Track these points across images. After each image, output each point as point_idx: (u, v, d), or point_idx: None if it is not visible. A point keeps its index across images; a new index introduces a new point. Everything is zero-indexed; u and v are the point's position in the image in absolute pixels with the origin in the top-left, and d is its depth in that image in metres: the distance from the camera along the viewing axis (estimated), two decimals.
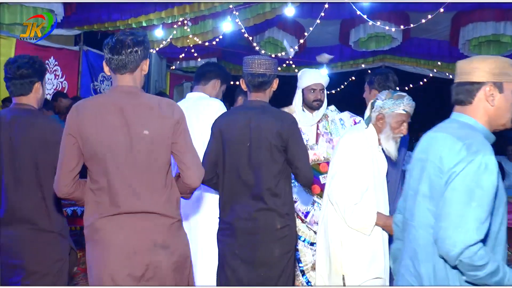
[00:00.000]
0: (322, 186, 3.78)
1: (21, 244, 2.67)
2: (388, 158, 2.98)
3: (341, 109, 4.17)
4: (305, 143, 3.63)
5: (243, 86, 2.99)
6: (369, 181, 2.82)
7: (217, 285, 2.90)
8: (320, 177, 3.89)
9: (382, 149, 2.94)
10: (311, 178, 2.91)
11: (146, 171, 2.24)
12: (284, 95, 4.46)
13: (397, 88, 3.63)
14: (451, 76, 10.06)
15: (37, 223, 2.68)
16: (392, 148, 2.89)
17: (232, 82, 3.52)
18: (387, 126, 2.87)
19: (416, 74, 10.62)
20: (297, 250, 3.59)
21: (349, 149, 2.87)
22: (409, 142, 8.04)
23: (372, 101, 2.96)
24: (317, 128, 3.99)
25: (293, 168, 2.82)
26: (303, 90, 3.97)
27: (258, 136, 2.76)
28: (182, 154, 2.31)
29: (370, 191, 2.83)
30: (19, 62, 2.74)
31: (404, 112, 2.85)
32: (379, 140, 2.92)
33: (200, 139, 3.02)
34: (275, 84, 2.95)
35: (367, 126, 2.94)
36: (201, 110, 3.16)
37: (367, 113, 3.00)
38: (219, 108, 3.17)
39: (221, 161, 2.85)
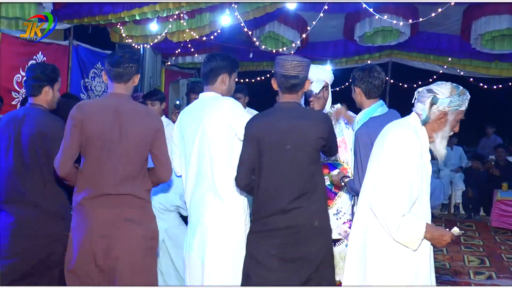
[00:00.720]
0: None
1: (21, 223, 3.20)
2: None
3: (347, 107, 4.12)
4: None
5: (274, 86, 3.04)
6: (419, 189, 2.68)
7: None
8: None
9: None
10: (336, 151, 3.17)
11: (130, 163, 2.90)
12: None
13: (405, 85, 3.57)
14: (462, 73, 10.03)
15: (38, 205, 3.20)
16: (443, 148, 2.81)
17: (236, 79, 3.45)
18: (447, 124, 2.74)
19: (425, 70, 10.54)
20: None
21: (400, 150, 2.66)
22: None
23: (432, 96, 2.79)
24: None
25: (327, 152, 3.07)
26: None
27: (298, 139, 2.86)
28: (158, 155, 3.00)
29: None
30: (34, 67, 3.44)
31: (464, 109, 2.75)
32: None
33: (213, 142, 3.08)
34: (307, 85, 3.02)
35: (423, 125, 2.82)
36: (214, 112, 3.11)
37: (424, 109, 2.83)
38: (232, 107, 3.12)
39: (257, 166, 2.92)
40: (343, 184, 3.43)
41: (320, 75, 3.84)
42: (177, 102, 8.40)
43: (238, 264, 3.03)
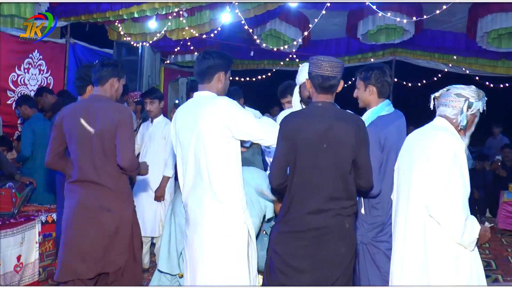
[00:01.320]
0: None
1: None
2: None
3: (347, 107, 4.13)
4: None
5: (308, 86, 3.07)
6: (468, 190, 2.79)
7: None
8: None
9: None
10: (372, 182, 3.10)
11: (101, 154, 3.43)
12: None
13: (409, 84, 3.61)
14: (468, 71, 10.02)
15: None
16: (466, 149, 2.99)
17: (230, 78, 3.45)
18: (473, 126, 2.94)
19: (430, 68, 10.54)
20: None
21: (456, 156, 2.75)
22: None
23: (467, 101, 2.84)
24: None
25: (356, 170, 3.00)
26: (300, 86, 4.04)
27: (336, 140, 2.90)
28: (119, 145, 3.42)
29: None
30: (79, 69, 4.11)
31: None
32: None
33: (209, 143, 3.08)
34: (340, 86, 3.07)
35: (464, 129, 2.90)
36: (209, 113, 3.11)
37: (460, 114, 2.89)
38: (228, 108, 3.11)
39: (292, 166, 2.96)
40: None
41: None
42: (176, 102, 8.39)
43: (238, 264, 3.09)
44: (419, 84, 10.82)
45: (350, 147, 2.91)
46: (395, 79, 10.40)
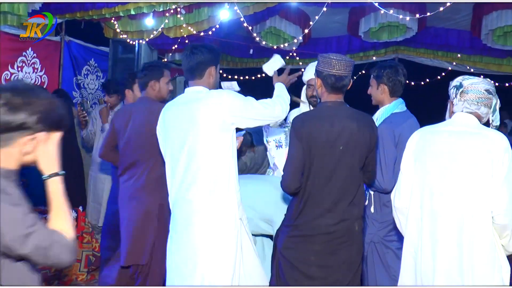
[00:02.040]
0: None
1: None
2: None
3: (350, 105, 4.13)
4: None
5: (318, 85, 3.08)
6: None
7: None
8: None
9: None
10: (375, 176, 3.21)
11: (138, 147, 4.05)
12: (286, 87, 4.44)
13: (412, 83, 3.61)
14: (472, 70, 9.99)
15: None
16: None
17: (229, 76, 3.47)
18: None
19: (434, 67, 10.51)
20: None
21: None
22: None
23: (497, 99, 2.80)
24: None
25: (365, 171, 3.07)
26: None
27: (351, 142, 2.92)
28: None
29: None
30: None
31: None
32: None
33: (207, 141, 3.06)
34: (349, 85, 3.11)
35: (498, 128, 2.85)
36: (208, 106, 3.07)
37: (493, 113, 2.81)
38: (227, 98, 3.09)
39: (307, 167, 2.96)
40: None
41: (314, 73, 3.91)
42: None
43: (234, 261, 3.04)
44: (422, 83, 10.79)
45: (365, 148, 2.96)
46: None
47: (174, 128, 3.17)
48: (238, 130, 3.38)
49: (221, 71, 3.50)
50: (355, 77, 3.74)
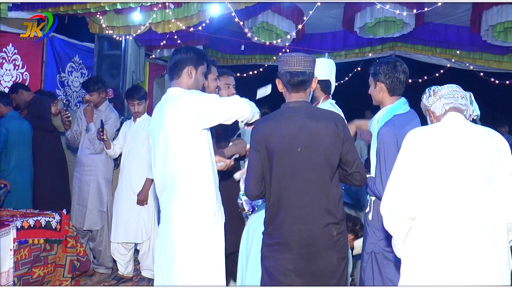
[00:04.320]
0: None
1: None
2: None
3: (345, 104, 4.12)
4: None
5: (280, 87, 3.08)
6: None
7: None
8: None
9: None
10: (366, 178, 3.10)
11: None
12: None
13: (409, 80, 3.55)
14: (472, 67, 10.04)
15: None
16: None
17: (204, 72, 3.48)
18: None
19: (432, 64, 10.54)
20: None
21: None
22: None
23: (468, 94, 2.80)
24: None
25: (349, 170, 2.97)
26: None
27: (312, 142, 2.87)
28: None
29: None
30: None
31: None
32: None
33: (176, 143, 3.17)
34: (314, 83, 3.06)
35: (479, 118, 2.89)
36: (174, 112, 3.18)
37: (472, 100, 2.84)
38: (189, 98, 3.17)
39: (267, 173, 2.94)
40: None
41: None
42: None
43: (208, 262, 3.18)
44: (420, 81, 10.81)
45: (328, 147, 2.86)
46: None
47: (153, 130, 3.34)
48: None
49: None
50: (350, 74, 3.69)
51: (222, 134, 4.18)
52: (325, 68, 4.03)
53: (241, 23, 7.99)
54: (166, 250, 3.24)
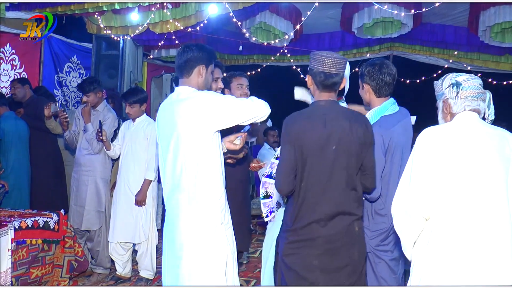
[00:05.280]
0: None
1: None
2: None
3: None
4: None
5: (309, 83, 3.11)
6: None
7: None
8: None
9: None
10: (375, 182, 3.16)
11: None
12: (277, 86, 4.48)
13: (407, 81, 3.55)
14: (469, 68, 10.05)
15: None
16: None
17: (213, 71, 3.46)
18: None
19: (429, 64, 10.54)
20: None
21: None
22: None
23: (488, 95, 2.80)
24: None
25: (364, 172, 3.05)
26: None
27: (345, 141, 2.92)
28: None
29: None
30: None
31: None
32: None
33: (187, 144, 3.12)
34: (343, 83, 3.12)
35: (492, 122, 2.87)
36: (186, 110, 3.13)
37: (490, 103, 2.86)
38: (205, 100, 3.13)
39: (299, 170, 2.96)
40: None
41: None
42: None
43: (216, 262, 3.15)
44: (418, 81, 10.83)
45: (359, 147, 2.94)
46: None
47: (162, 131, 3.26)
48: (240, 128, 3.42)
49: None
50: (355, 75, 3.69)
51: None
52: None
53: (239, 23, 7.98)
54: (173, 250, 3.21)
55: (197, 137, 3.10)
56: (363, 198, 3.35)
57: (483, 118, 2.79)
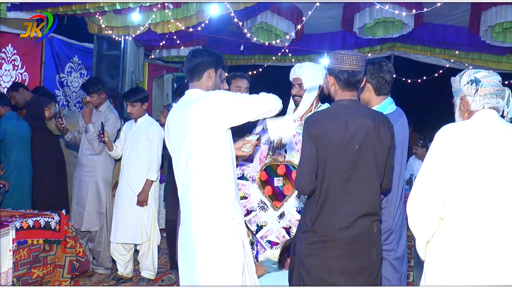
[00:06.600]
0: (275, 189, 4.25)
1: None
2: None
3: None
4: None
5: (330, 83, 3.09)
6: None
7: None
8: (275, 179, 4.25)
9: None
10: (391, 183, 3.16)
11: None
12: (279, 86, 4.46)
13: (408, 81, 3.55)
14: (471, 67, 10.02)
15: None
16: None
17: (224, 74, 3.50)
18: None
19: (431, 64, 10.53)
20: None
21: None
22: (424, 139, 8.00)
23: (508, 92, 2.75)
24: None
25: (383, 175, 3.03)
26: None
27: (368, 141, 2.90)
28: None
29: None
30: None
31: None
32: None
33: (202, 141, 3.14)
34: (363, 81, 3.12)
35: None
36: (199, 110, 3.17)
37: (510, 101, 2.77)
38: (217, 97, 3.17)
39: (321, 169, 2.94)
40: None
41: (292, 72, 4.30)
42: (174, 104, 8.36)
43: (230, 259, 3.14)
44: (419, 81, 10.81)
45: (382, 147, 2.93)
46: (394, 75, 10.38)
47: (174, 132, 3.30)
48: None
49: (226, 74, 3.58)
50: None
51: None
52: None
53: (240, 23, 7.99)
54: (188, 244, 3.23)
55: (210, 135, 3.11)
56: None
57: (502, 116, 2.76)
